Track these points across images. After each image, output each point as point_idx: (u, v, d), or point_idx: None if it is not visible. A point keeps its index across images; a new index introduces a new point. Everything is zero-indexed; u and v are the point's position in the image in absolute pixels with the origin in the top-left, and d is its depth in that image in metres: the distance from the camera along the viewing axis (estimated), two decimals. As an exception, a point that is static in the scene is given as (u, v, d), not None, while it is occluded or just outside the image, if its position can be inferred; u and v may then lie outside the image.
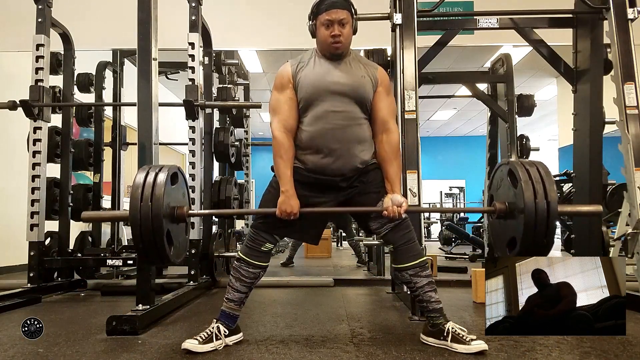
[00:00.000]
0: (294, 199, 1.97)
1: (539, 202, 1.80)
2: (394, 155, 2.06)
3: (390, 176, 2.05)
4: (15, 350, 1.99)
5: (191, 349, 1.91)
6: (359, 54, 2.15)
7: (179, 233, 2.02)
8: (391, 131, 2.07)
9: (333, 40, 1.98)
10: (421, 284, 2.03)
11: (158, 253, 1.82)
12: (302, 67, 2.04)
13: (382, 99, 2.08)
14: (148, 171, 1.91)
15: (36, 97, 3.37)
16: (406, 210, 2.00)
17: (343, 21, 1.98)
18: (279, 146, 1.99)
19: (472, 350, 1.88)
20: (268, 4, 4.81)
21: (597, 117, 3.28)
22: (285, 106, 2.02)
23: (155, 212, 1.80)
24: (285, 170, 1.98)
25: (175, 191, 1.99)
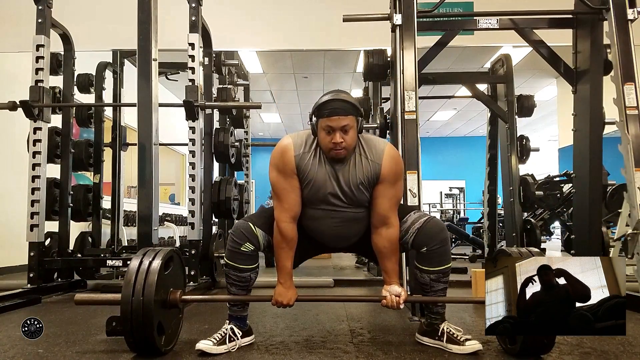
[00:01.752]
0: (291, 291, 1.98)
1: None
2: (392, 250, 1.98)
3: (387, 269, 1.99)
4: (15, 351, 1.99)
5: (206, 350, 1.89)
6: (368, 141, 1.96)
7: (170, 319, 1.97)
8: (391, 226, 1.95)
9: (334, 147, 1.84)
10: (437, 289, 1.99)
11: (147, 344, 1.81)
12: (305, 164, 1.91)
13: (384, 194, 1.94)
14: (143, 257, 1.89)
15: (36, 97, 3.37)
16: (405, 300, 1.94)
17: (346, 127, 1.82)
18: (283, 238, 1.93)
19: (466, 351, 1.88)
20: (268, 4, 4.81)
21: (597, 118, 3.28)
22: (291, 194, 1.92)
23: (146, 301, 1.78)
24: (286, 263, 1.96)
25: (169, 275, 1.95)
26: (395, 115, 3.11)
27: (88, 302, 2.08)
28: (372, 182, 1.94)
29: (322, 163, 1.92)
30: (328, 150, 1.87)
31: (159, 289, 1.83)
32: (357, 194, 1.94)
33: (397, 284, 1.97)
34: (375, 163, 1.93)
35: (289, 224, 1.93)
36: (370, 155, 1.93)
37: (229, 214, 4.14)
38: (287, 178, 1.92)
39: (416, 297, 2.01)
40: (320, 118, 1.84)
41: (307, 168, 1.91)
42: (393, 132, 3.22)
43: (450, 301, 2.16)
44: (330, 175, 1.92)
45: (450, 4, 4.13)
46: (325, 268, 5.73)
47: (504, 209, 4.87)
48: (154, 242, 3.03)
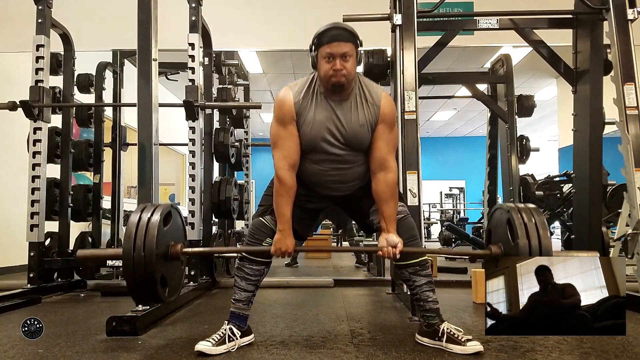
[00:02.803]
0: (290, 239, 1.97)
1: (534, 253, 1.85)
2: (390, 194, 1.98)
3: (385, 215, 1.98)
4: (15, 351, 1.99)
5: (205, 351, 1.89)
6: (366, 82, 2.02)
7: (173, 272, 2.00)
8: (389, 170, 1.98)
9: (334, 74, 1.87)
10: (420, 283, 2.04)
11: (151, 296, 1.83)
12: (305, 108, 1.95)
13: (382, 137, 1.98)
14: (142, 212, 1.92)
15: (36, 97, 3.37)
16: (401, 251, 1.95)
17: (346, 54, 1.86)
18: (282, 185, 1.94)
19: (467, 351, 1.87)
20: (268, 4, 4.81)
21: (597, 118, 3.28)
22: (290, 142, 1.95)
23: (148, 255, 1.81)
24: (284, 210, 1.96)
25: (169, 229, 1.98)
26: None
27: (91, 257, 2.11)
28: (373, 124, 1.97)
29: (322, 104, 1.96)
30: (328, 78, 1.88)
31: (159, 242, 1.86)
32: (357, 134, 1.95)
33: (394, 234, 1.96)
34: (374, 105, 1.97)
35: (287, 172, 1.95)
36: (370, 98, 1.98)
37: (229, 214, 4.14)
38: (286, 126, 1.95)
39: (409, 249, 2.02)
40: (321, 46, 1.88)
41: (306, 108, 1.95)
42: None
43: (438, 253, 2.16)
44: (331, 115, 1.95)
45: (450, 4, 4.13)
46: (325, 268, 5.73)
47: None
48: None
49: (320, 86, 1.97)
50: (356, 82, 1.98)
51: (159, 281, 1.84)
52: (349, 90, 1.96)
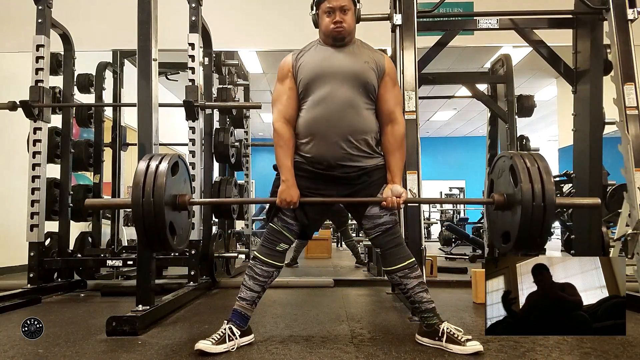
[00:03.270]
0: (294, 189, 1.99)
1: (537, 197, 1.83)
2: (397, 145, 2.05)
3: (391, 166, 2.05)
4: (15, 351, 1.99)
5: (205, 349, 1.90)
6: (366, 43, 2.13)
7: (181, 221, 2.04)
8: (397, 122, 2.07)
9: (335, 26, 1.99)
10: (411, 285, 2.04)
11: (161, 242, 1.86)
12: (303, 54, 2.07)
13: (389, 89, 2.07)
14: (150, 160, 1.93)
15: (36, 97, 3.37)
16: (405, 200, 2.02)
17: (344, 7, 1.99)
18: (279, 136, 2.02)
19: (467, 351, 1.87)
20: (268, 4, 4.81)
21: (597, 118, 3.28)
22: (285, 96, 2.04)
23: (157, 201, 1.82)
24: (285, 160, 2.00)
25: (176, 180, 2.01)
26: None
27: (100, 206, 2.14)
28: (377, 68, 2.03)
29: (322, 49, 2.07)
30: (330, 31, 2.01)
31: (168, 191, 1.87)
32: (360, 69, 2.01)
33: (399, 184, 2.03)
34: (378, 55, 2.09)
35: (283, 124, 2.02)
36: (372, 50, 2.10)
37: (229, 214, 4.14)
38: (283, 82, 2.06)
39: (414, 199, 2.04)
40: (321, 3, 2.01)
41: (306, 56, 2.05)
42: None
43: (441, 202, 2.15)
44: (331, 53, 2.04)
45: (450, 4, 4.13)
46: (325, 268, 5.73)
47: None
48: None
49: (320, 41, 2.09)
50: (356, 40, 2.10)
51: (168, 227, 1.85)
52: (350, 41, 2.07)
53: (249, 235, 6.02)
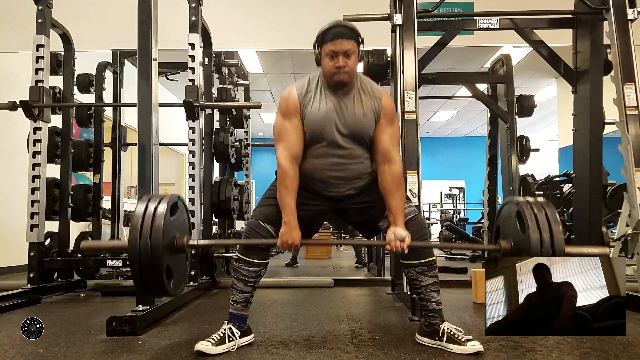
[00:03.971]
0: (296, 231, 1.96)
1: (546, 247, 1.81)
2: (396, 187, 1.99)
3: (392, 208, 1.98)
4: (15, 351, 1.99)
5: (205, 350, 1.89)
6: (365, 79, 2.09)
7: (178, 264, 1.98)
8: (393, 162, 2.01)
9: (337, 71, 1.93)
10: (426, 283, 2.03)
11: (157, 287, 1.81)
12: (309, 100, 2.00)
13: (384, 130, 2.02)
14: (148, 202, 1.90)
15: (36, 97, 3.37)
16: (409, 245, 1.94)
17: (348, 52, 1.92)
18: (284, 175, 1.95)
19: (467, 351, 1.87)
20: (268, 4, 4.81)
21: (597, 118, 3.29)
22: (293, 134, 1.98)
23: (154, 246, 1.78)
24: (289, 201, 1.95)
25: (175, 220, 1.97)
26: (395, 115, 3.11)
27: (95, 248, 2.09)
28: (375, 115, 2.02)
29: (325, 97, 2.01)
30: (331, 75, 1.95)
31: (165, 233, 1.83)
32: (360, 125, 1.99)
33: (402, 227, 1.96)
34: (375, 98, 2.03)
35: (290, 162, 1.96)
36: (370, 92, 2.04)
37: (229, 214, 4.14)
38: (290, 119, 1.99)
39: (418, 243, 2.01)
40: (324, 44, 1.94)
41: (311, 102, 2.00)
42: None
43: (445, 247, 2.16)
44: (334, 106, 1.99)
45: (450, 4, 4.13)
46: (325, 268, 5.74)
47: (504, 209, 4.86)
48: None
49: (324, 81, 2.03)
50: (357, 78, 2.04)
51: (165, 272, 1.82)
52: (351, 85, 2.02)
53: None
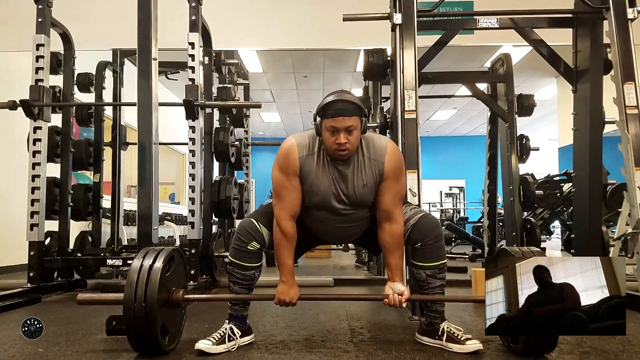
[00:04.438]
0: (293, 289, 1.96)
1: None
2: (395, 245, 1.97)
3: (391, 265, 1.98)
4: (15, 350, 1.99)
5: (205, 349, 1.89)
6: (368, 140, 1.98)
7: (173, 319, 1.97)
8: (395, 221, 1.96)
9: (338, 147, 1.85)
10: (434, 285, 2.01)
11: (151, 346, 1.82)
12: (309, 168, 1.93)
13: (387, 191, 1.95)
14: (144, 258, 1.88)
15: (36, 97, 3.37)
16: (408, 299, 1.93)
17: (350, 128, 1.83)
18: (283, 235, 1.94)
19: (467, 350, 1.88)
20: (268, 4, 4.81)
21: (597, 117, 3.28)
22: (292, 194, 1.94)
23: (149, 307, 1.77)
24: (287, 261, 1.95)
25: (172, 274, 1.96)
26: (395, 115, 3.11)
27: (91, 301, 2.08)
28: (377, 181, 1.95)
29: (325, 167, 1.94)
30: (333, 151, 1.88)
31: (161, 289, 1.83)
32: (361, 196, 1.95)
33: (400, 282, 1.95)
34: (378, 162, 1.94)
35: (289, 222, 1.94)
36: (373, 155, 1.95)
37: (229, 214, 4.14)
38: (289, 178, 1.93)
39: (418, 296, 2.00)
40: (325, 119, 1.85)
41: (310, 171, 1.93)
42: (393, 131, 3.22)
43: (451, 300, 2.16)
44: (334, 180, 1.94)
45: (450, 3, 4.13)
46: (325, 268, 5.73)
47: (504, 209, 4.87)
48: (154, 241, 3.03)
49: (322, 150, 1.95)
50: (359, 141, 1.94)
51: (160, 331, 1.82)
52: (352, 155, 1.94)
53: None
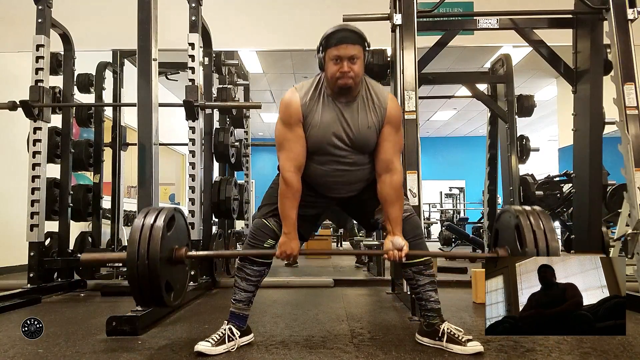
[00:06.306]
0: (295, 242, 1.97)
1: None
2: (396, 196, 1.97)
3: (391, 218, 1.97)
4: (15, 351, 1.99)
5: (205, 351, 1.89)
6: (371, 84, 2.00)
7: (177, 276, 1.99)
8: (395, 172, 1.97)
9: (341, 76, 1.85)
10: (423, 282, 2.04)
11: (156, 301, 1.83)
12: (311, 109, 1.93)
13: (388, 138, 1.97)
14: (145, 217, 1.90)
15: (36, 97, 3.37)
16: (407, 254, 1.94)
17: (354, 57, 1.84)
18: (287, 187, 1.93)
19: (467, 352, 1.87)
20: (268, 4, 4.81)
21: (597, 118, 3.29)
22: (296, 145, 1.93)
23: (152, 262, 1.79)
24: (290, 213, 1.95)
25: (173, 233, 1.98)
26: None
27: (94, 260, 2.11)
28: (380, 125, 1.96)
29: (328, 106, 1.94)
30: (335, 80, 1.87)
31: (163, 247, 1.85)
32: (364, 137, 1.95)
33: (400, 236, 1.95)
34: (381, 107, 1.96)
35: (293, 174, 1.93)
36: (376, 99, 1.97)
37: (229, 214, 4.14)
38: (292, 129, 1.93)
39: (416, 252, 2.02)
40: (328, 48, 1.86)
41: (313, 112, 1.93)
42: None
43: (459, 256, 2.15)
44: (337, 117, 1.94)
45: (450, 4, 4.13)
46: (325, 268, 5.73)
47: (504, 209, 4.86)
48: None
49: (326, 88, 1.95)
50: (363, 83, 1.97)
51: (164, 286, 1.84)
52: (356, 92, 1.95)
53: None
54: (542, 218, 1.92)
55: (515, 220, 1.96)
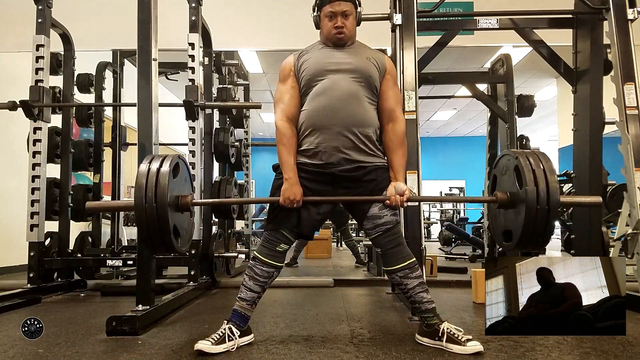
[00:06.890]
0: (297, 187, 1.99)
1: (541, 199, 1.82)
2: (399, 143, 2.09)
3: (394, 165, 2.08)
4: (15, 351, 1.99)
5: (204, 349, 1.90)
6: (367, 46, 2.18)
7: (184, 222, 2.04)
8: (398, 120, 2.10)
9: (336, 31, 2.04)
10: (412, 285, 2.04)
11: (164, 244, 1.86)
12: (305, 54, 2.11)
13: (390, 87, 2.11)
14: (150, 162, 1.92)
15: (36, 97, 3.37)
16: (409, 198, 2.02)
17: (346, 13, 2.04)
18: (281, 135, 2.03)
19: (467, 352, 1.88)
20: (268, 4, 4.81)
21: (597, 118, 3.28)
22: (287, 95, 2.07)
23: (160, 205, 1.82)
24: (288, 158, 2.01)
25: (178, 181, 2.01)
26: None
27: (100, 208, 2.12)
28: (378, 64, 2.08)
29: (324, 49, 2.11)
30: (332, 35, 2.06)
31: (170, 192, 1.87)
32: (364, 64, 2.06)
33: (402, 181, 2.06)
34: (379, 54, 2.15)
35: (285, 122, 2.04)
36: (372, 53, 2.14)
37: (229, 214, 4.14)
38: (286, 82, 2.09)
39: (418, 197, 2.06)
40: (323, 6, 2.06)
41: (307, 55, 2.10)
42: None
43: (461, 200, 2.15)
44: (333, 53, 2.09)
45: (450, 4, 4.13)
46: (325, 268, 5.73)
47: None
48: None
49: (321, 42, 2.14)
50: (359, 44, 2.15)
51: (172, 230, 1.87)
52: (351, 43, 2.12)
53: (249, 235, 6.02)
54: (542, 159, 1.92)
55: (514, 162, 1.95)
